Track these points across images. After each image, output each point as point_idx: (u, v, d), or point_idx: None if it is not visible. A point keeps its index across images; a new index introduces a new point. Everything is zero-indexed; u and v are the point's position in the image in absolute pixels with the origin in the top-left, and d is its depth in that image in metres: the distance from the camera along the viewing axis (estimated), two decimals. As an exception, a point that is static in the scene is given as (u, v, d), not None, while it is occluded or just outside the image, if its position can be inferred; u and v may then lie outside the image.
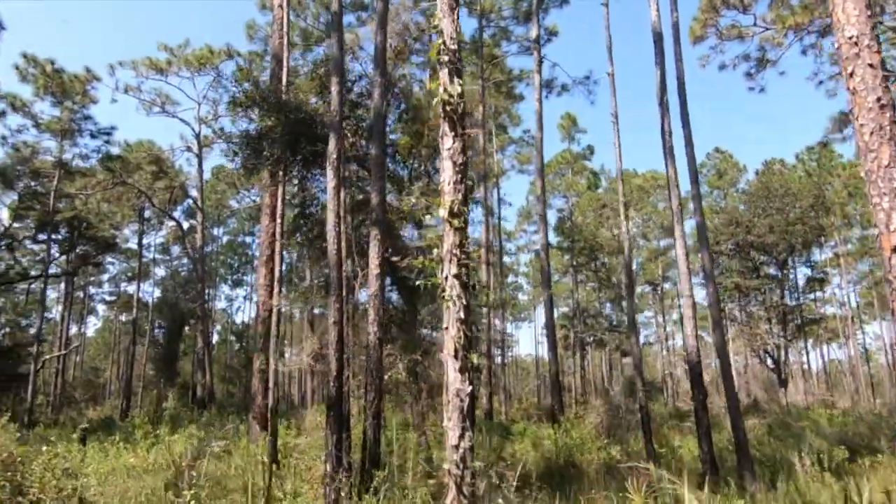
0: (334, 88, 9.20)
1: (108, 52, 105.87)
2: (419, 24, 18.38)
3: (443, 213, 3.88)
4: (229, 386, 45.54)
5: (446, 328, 3.83)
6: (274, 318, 12.59)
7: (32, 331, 40.29)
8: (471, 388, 3.75)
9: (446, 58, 4.08)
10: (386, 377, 9.78)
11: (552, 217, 45.43)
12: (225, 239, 57.35)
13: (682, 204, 12.73)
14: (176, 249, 52.87)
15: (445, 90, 4.04)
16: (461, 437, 3.74)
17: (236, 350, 51.88)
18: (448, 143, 4.01)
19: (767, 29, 21.52)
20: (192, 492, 8.69)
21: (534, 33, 19.30)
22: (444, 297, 3.82)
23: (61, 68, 29.45)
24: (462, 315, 3.77)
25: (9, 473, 7.42)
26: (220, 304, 61.56)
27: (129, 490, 9.56)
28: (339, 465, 8.16)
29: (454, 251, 3.81)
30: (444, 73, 4.12)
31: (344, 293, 8.58)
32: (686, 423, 18.02)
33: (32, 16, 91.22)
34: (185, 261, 54.07)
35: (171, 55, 32.30)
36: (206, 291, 33.51)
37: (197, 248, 32.19)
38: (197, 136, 33.10)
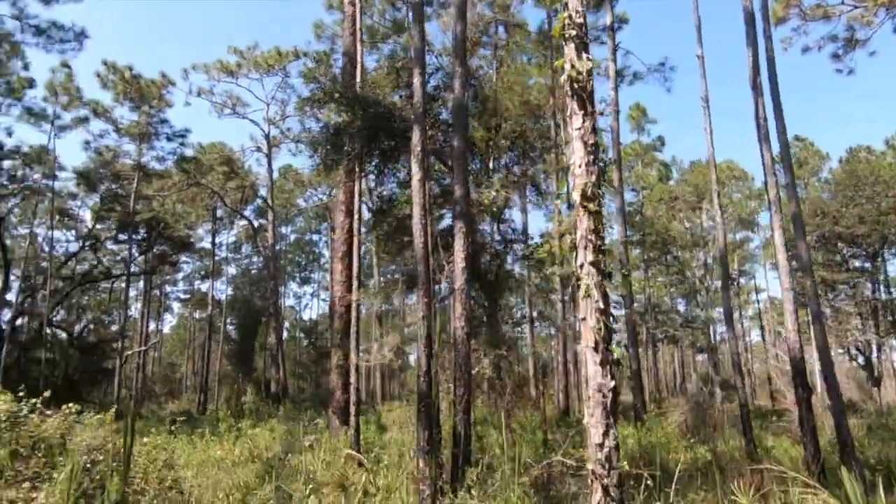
0: (416, 79, 9.06)
1: (181, 57, 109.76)
2: (484, 17, 18.14)
3: (576, 196, 3.64)
4: (299, 381, 46.47)
5: (583, 319, 3.60)
6: (353, 313, 12.59)
7: (114, 328, 42.26)
8: (613, 382, 3.51)
9: (573, 32, 3.85)
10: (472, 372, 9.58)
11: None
12: (293, 237, 58.54)
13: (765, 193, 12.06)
14: (246, 248, 54.39)
15: (573, 66, 3.80)
16: (605, 434, 3.51)
17: (305, 346, 52.88)
18: (577, 122, 3.77)
19: (856, 7, 20.32)
20: (285, 485, 8.74)
21: (607, 20, 18.78)
22: (578, 286, 3.60)
23: (139, 74, 30.57)
24: (601, 305, 3.53)
25: (115, 464, 7.57)
26: (289, 302, 63.00)
27: (221, 482, 9.73)
28: (431, 460, 8.03)
29: (589, 237, 3.58)
30: (570, 49, 3.88)
31: (432, 288, 8.44)
32: (775, 422, 17.19)
33: (109, 23, 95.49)
34: (255, 259, 55.59)
35: (240, 58, 33.08)
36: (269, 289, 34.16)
37: (268, 247, 32.90)
38: (266, 136, 33.80)
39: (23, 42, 22.65)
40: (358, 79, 13.06)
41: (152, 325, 60.41)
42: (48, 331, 32.92)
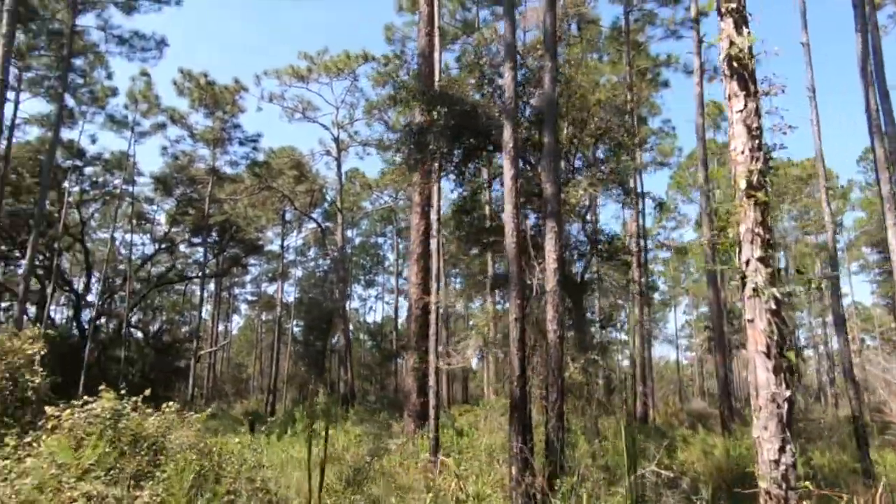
0: (507, 74, 8.77)
1: (252, 63, 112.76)
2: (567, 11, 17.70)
3: (742, 184, 3.29)
4: (364, 384, 46.82)
5: (750, 320, 3.24)
6: (433, 315, 12.38)
7: (184, 328, 43.60)
8: (789, 392, 3.14)
9: (732, 5, 3.49)
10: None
11: (692, 211, 43.01)
12: (358, 240, 59.18)
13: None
14: (312, 251, 55.26)
15: (732, 43, 3.45)
16: (781, 450, 3.14)
17: (369, 348, 53.31)
18: (738, 104, 3.42)
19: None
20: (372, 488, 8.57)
21: (692, 11, 18.10)
22: (744, 283, 3.24)
23: (213, 81, 31.46)
24: (773, 305, 3.17)
25: (205, 462, 7.53)
26: (354, 304, 63.75)
27: (303, 483, 9.66)
28: (525, 468, 7.71)
29: (756, 230, 3.21)
30: (728, 24, 3.53)
31: (525, 289, 8.13)
32: (879, 435, 16.07)
33: (185, 31, 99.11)
34: (321, 262, 56.48)
35: (310, 63, 33.58)
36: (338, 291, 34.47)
37: (337, 249, 33.23)
38: (335, 139, 34.19)
39: (107, 51, 23.55)
40: (437, 78, 12.90)
41: (221, 327, 62.23)
42: (126, 330, 34.20)
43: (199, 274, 35.58)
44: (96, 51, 24.06)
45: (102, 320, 34.32)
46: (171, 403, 6.67)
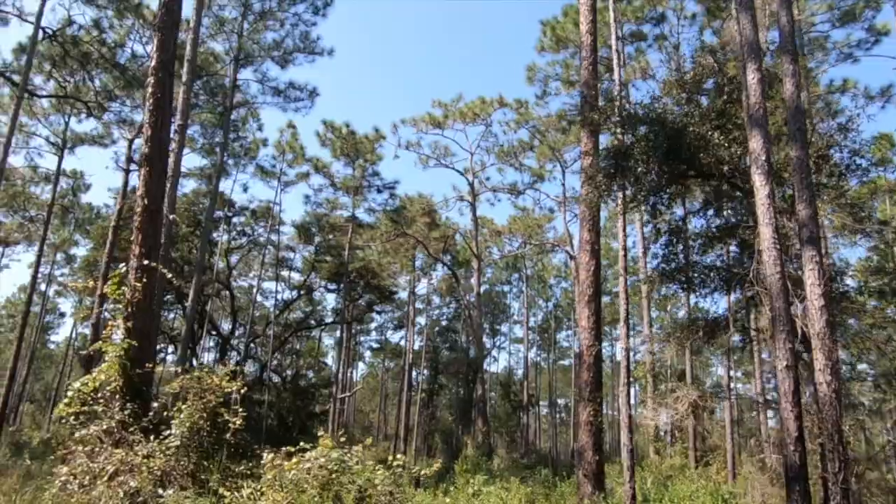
0: (751, 76, 7.52)
1: (386, 113, 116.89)
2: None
3: None
4: (494, 435, 45.20)
5: None
6: (624, 360, 10.99)
7: (309, 373, 44.18)
8: None
9: None
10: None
11: None
12: (482, 288, 58.51)
13: None
14: (436, 300, 55.01)
15: None
16: None
17: (498, 399, 51.77)
18: None
19: None
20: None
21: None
22: None
23: (354, 130, 32.17)
24: None
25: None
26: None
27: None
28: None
29: None
30: None
31: (795, 331, 6.64)
32: None
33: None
34: (445, 310, 56.18)
35: (445, 110, 33.76)
36: (473, 339, 33.52)
37: (473, 295, 32.46)
38: (470, 184, 33.87)
39: (263, 103, 24.51)
40: (618, 101, 11.81)
41: (348, 373, 62.96)
42: (267, 374, 34.93)
43: (337, 319, 35.91)
44: (252, 104, 25.12)
45: (247, 364, 35.25)
46: (399, 456, 5.72)
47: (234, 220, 35.86)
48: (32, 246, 39.79)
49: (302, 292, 38.73)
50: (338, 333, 62.10)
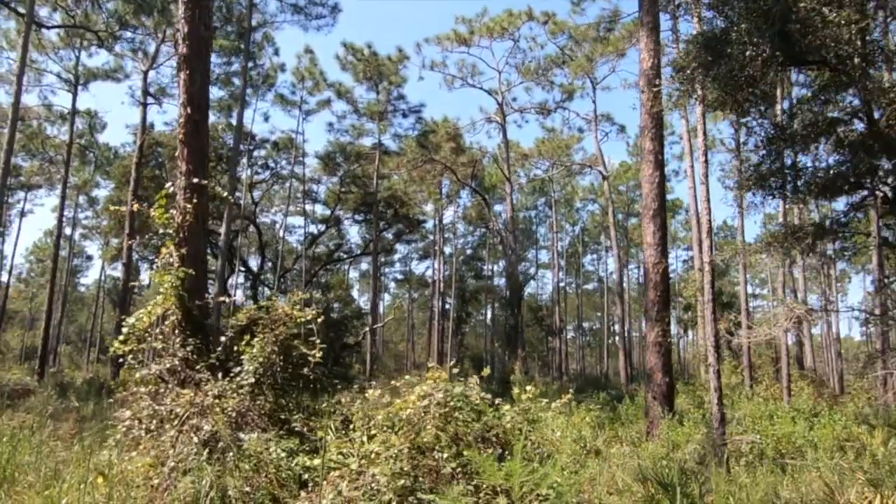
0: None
1: (407, 33, 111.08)
2: None
3: None
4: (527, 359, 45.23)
5: None
6: (706, 277, 10.03)
7: (335, 305, 44.02)
8: None
9: None
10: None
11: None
12: (505, 215, 57.45)
13: None
14: (461, 228, 54.11)
15: None
16: None
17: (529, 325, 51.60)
18: None
19: None
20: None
21: None
22: None
23: (376, 52, 30.51)
24: None
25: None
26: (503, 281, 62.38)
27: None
28: None
29: None
30: None
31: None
32: None
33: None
34: (470, 238, 55.44)
35: (469, 26, 31.81)
36: (511, 264, 32.67)
37: (507, 220, 31.47)
38: (499, 104, 32.28)
39: (283, 22, 23.01)
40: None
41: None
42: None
43: (370, 250, 35.24)
44: (272, 22, 23.62)
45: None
46: (529, 388, 4.87)
47: (256, 153, 34.80)
48: (54, 189, 39.23)
49: (330, 225, 37.99)
50: (363, 266, 62.00)
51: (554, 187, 50.60)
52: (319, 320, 6.07)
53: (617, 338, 70.22)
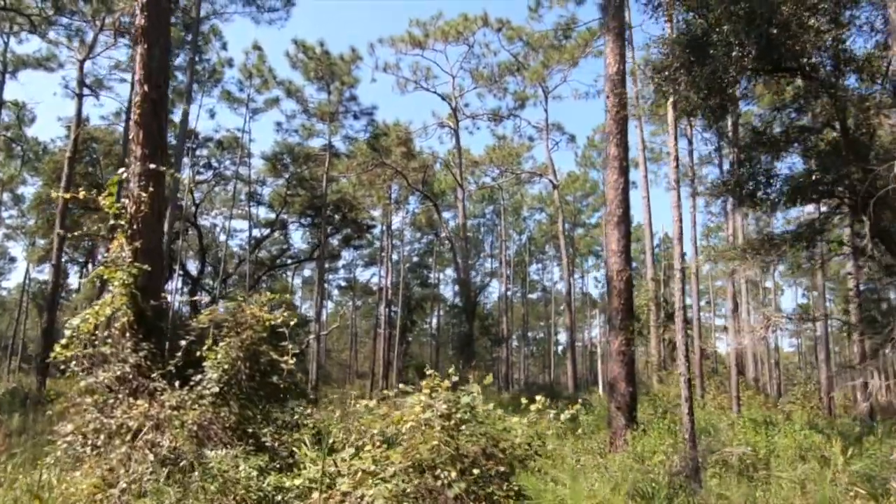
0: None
1: (360, 35, 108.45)
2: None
3: None
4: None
5: None
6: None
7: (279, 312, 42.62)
8: None
9: None
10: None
11: None
12: (452, 223, 57.27)
13: None
14: (407, 234, 53.55)
15: None
16: None
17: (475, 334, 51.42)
18: None
19: None
20: None
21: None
22: None
23: (328, 51, 29.76)
24: None
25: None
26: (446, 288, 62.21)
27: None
28: None
29: None
30: None
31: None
32: None
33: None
34: (416, 245, 54.95)
35: (424, 29, 31.48)
36: (461, 270, 32.36)
37: (458, 227, 31.16)
38: (453, 108, 32.03)
39: (234, 13, 22.09)
40: None
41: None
42: (243, 314, 33.31)
43: (314, 255, 34.28)
44: (222, 13, 22.63)
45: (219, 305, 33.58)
46: (539, 398, 4.43)
47: (198, 151, 33.42)
48: (-27, 185, 36.67)
49: (275, 228, 36.83)
50: (306, 272, 60.57)
51: (503, 195, 50.78)
52: (292, 323, 5.48)
53: (561, 347, 71.05)
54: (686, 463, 6.71)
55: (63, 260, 30.38)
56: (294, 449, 5.01)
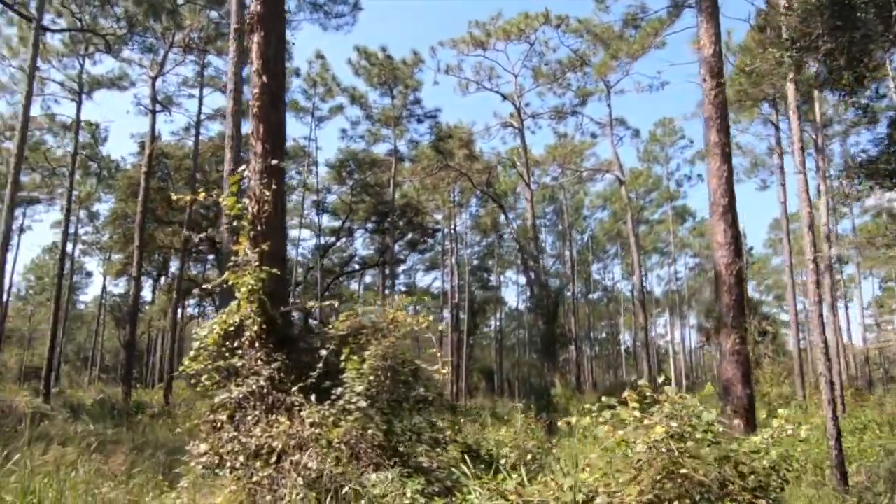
0: None
1: (419, 39, 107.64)
2: None
3: None
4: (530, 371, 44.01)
5: None
6: (812, 274, 8.96)
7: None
8: None
9: None
10: None
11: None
12: (516, 223, 56.35)
13: None
14: (468, 237, 52.96)
15: None
16: None
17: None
18: None
19: None
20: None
21: None
22: None
23: (391, 56, 29.53)
24: None
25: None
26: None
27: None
28: None
29: None
30: None
31: None
32: None
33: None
34: (476, 248, 54.26)
35: (484, 29, 30.89)
36: (535, 271, 31.51)
37: (526, 227, 30.38)
38: (517, 108, 31.29)
39: (302, 20, 22.01)
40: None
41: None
42: (314, 323, 33.39)
43: (380, 260, 34.09)
44: (290, 21, 22.53)
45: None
46: (781, 412, 3.72)
47: (264, 162, 33.65)
48: (53, 204, 38.00)
49: (342, 235, 36.82)
50: (367, 279, 60.64)
51: (565, 195, 49.76)
52: (440, 328, 4.92)
53: (623, 347, 69.17)
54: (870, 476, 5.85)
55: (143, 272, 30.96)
56: (452, 469, 4.45)
